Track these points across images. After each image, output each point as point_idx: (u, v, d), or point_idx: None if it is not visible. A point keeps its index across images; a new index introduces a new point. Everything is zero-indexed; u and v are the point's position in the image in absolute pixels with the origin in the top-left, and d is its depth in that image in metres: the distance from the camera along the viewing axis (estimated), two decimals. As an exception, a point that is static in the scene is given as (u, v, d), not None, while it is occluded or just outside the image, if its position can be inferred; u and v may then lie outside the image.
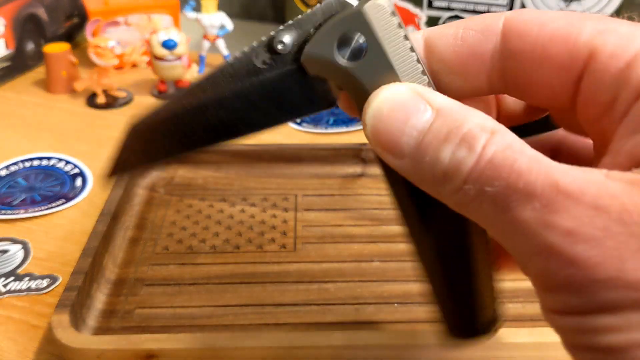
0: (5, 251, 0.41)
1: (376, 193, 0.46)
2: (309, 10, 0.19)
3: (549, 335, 0.30)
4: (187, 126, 0.21)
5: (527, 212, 0.16)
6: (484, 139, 0.16)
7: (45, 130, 0.58)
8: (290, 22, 0.20)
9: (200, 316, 0.34)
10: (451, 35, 0.20)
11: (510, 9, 0.70)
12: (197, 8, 0.68)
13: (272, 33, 0.20)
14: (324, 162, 0.47)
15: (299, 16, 0.20)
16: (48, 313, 0.36)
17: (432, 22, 0.74)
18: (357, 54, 0.19)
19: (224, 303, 0.35)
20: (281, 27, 0.20)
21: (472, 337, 0.24)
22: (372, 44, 0.19)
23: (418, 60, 0.19)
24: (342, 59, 0.19)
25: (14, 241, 0.42)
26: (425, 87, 0.18)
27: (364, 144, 0.48)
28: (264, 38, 0.20)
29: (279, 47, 0.20)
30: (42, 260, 0.40)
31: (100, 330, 0.33)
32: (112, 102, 0.63)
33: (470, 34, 0.20)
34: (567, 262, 0.16)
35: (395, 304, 0.35)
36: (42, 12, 0.71)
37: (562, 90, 0.19)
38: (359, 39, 0.19)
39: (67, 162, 0.52)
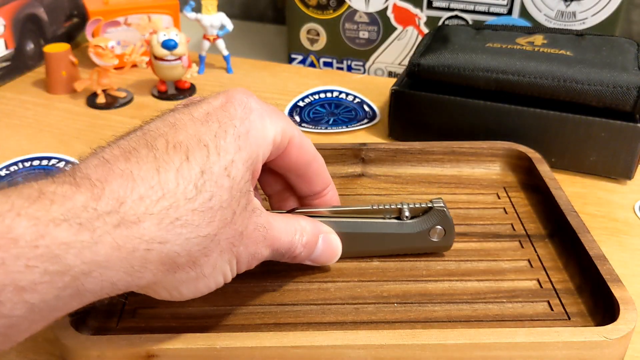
0: (5, 251, 0.41)
1: (376, 193, 0.46)
2: (423, 205, 0.37)
3: (548, 335, 0.31)
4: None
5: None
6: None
7: (45, 130, 0.58)
8: (409, 206, 0.37)
9: (200, 316, 0.34)
10: None
11: (510, 9, 0.70)
12: (197, 8, 0.68)
13: (402, 208, 0.37)
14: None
15: (413, 204, 0.37)
16: (48, 313, 0.36)
17: (432, 22, 0.74)
18: (441, 235, 0.37)
19: (224, 303, 0.35)
20: (407, 207, 0.37)
21: None
22: (450, 230, 0.37)
23: None
24: (434, 239, 0.38)
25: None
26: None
27: (364, 144, 0.48)
28: (396, 205, 0.37)
29: (405, 219, 0.37)
30: (42, 260, 0.40)
31: (100, 330, 0.33)
32: (112, 102, 0.63)
33: None
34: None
35: (395, 304, 0.35)
36: (42, 12, 0.71)
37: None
38: (440, 229, 0.37)
39: (67, 162, 0.52)
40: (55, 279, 0.22)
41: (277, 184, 0.37)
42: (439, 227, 0.37)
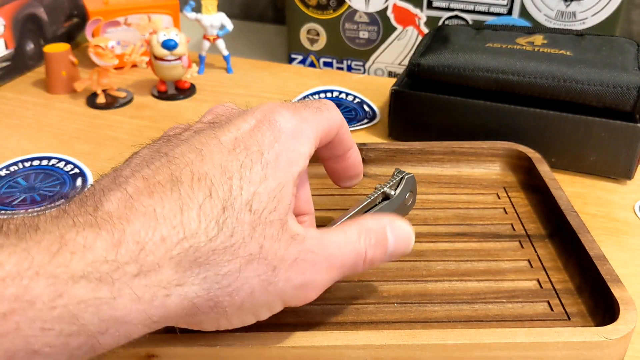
0: (5, 251, 0.41)
1: (376, 193, 0.46)
2: (395, 178, 0.39)
3: (548, 335, 0.31)
4: None
5: None
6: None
7: (45, 130, 0.58)
8: (388, 185, 0.39)
9: (200, 316, 0.34)
10: None
11: (510, 9, 0.70)
12: (197, 8, 0.68)
13: (385, 190, 0.38)
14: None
15: (389, 182, 0.39)
16: (48, 313, 0.36)
17: (432, 22, 0.74)
18: (411, 199, 0.40)
19: (223, 303, 0.35)
20: (387, 187, 0.38)
21: None
22: (415, 191, 0.40)
23: None
24: (409, 204, 0.40)
25: (14, 241, 0.42)
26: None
27: (364, 144, 0.48)
28: (378, 190, 0.38)
29: (391, 196, 0.38)
30: (42, 260, 0.40)
31: (100, 330, 0.33)
32: (112, 102, 0.63)
33: None
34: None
35: (395, 304, 0.35)
36: (42, 12, 0.71)
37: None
38: (410, 192, 0.40)
39: (67, 162, 0.52)
40: (71, 340, 0.22)
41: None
42: (410, 192, 0.40)
